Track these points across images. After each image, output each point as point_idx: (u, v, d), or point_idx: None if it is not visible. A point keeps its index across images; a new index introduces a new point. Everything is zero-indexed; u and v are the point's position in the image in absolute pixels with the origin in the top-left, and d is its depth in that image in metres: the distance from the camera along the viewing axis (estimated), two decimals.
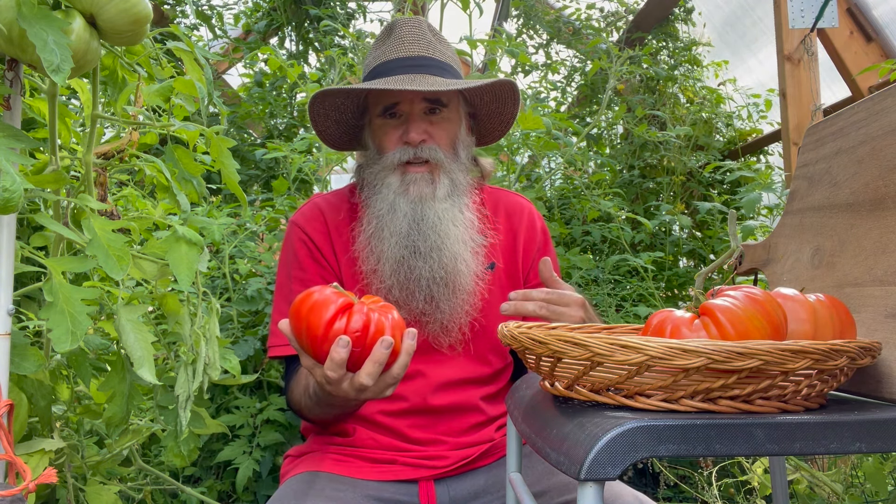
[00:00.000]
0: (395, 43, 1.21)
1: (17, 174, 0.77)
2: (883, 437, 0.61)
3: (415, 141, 1.17)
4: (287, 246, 1.27)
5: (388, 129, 1.20)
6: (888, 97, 0.82)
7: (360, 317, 0.87)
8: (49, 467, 0.84)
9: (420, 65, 1.18)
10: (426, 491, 1.15)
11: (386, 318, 0.89)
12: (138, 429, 1.32)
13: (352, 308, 0.87)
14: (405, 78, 1.16)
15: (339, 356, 0.85)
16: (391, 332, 0.88)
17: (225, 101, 3.84)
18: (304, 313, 0.87)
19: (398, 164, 1.18)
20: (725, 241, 3.00)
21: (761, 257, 1.08)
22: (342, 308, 0.87)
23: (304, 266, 1.23)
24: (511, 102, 1.27)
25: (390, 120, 1.20)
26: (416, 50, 1.20)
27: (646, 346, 0.61)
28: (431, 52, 1.21)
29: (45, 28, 0.79)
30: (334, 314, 0.86)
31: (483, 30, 5.58)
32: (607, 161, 3.46)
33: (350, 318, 0.86)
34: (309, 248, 1.24)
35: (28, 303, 1.13)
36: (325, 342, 0.86)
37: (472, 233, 1.21)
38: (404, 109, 1.19)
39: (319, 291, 0.89)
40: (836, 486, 1.69)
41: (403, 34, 1.21)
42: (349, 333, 0.85)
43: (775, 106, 3.25)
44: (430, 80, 1.15)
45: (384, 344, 0.86)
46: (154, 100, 1.15)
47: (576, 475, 0.58)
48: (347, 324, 0.86)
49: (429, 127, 1.19)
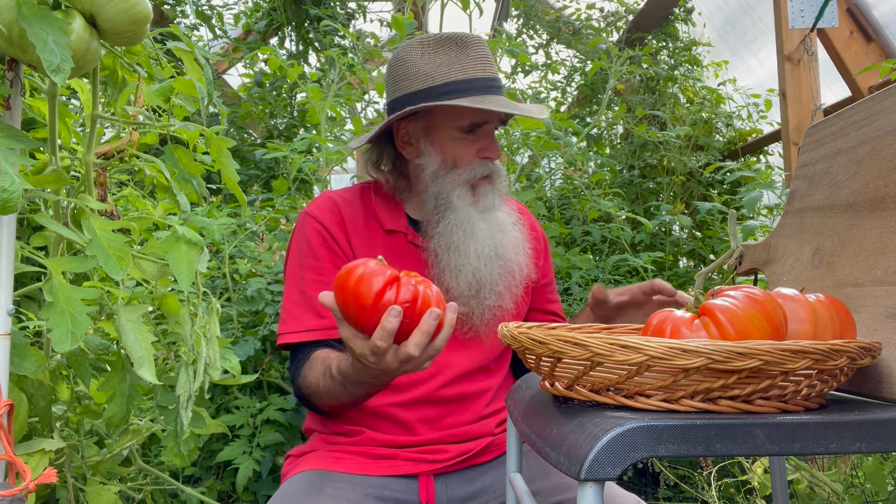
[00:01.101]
0: (473, 62, 1.23)
1: (16, 174, 0.77)
2: (883, 437, 0.61)
3: (495, 158, 1.25)
4: (299, 236, 1.27)
5: (466, 143, 1.23)
6: (888, 97, 0.82)
7: (408, 288, 0.88)
8: (49, 467, 0.84)
9: (497, 86, 1.25)
10: (426, 487, 1.15)
11: (430, 290, 0.91)
12: (138, 429, 1.32)
13: (399, 280, 0.89)
14: (501, 101, 1.21)
15: (391, 325, 0.86)
16: (436, 302, 0.90)
17: (225, 101, 3.84)
18: (351, 285, 0.88)
19: (475, 179, 1.23)
20: (725, 241, 3.00)
21: (761, 257, 1.08)
22: (391, 280, 0.88)
23: (318, 255, 1.24)
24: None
25: (469, 135, 1.23)
26: (492, 71, 1.25)
27: (646, 346, 0.61)
28: (496, 73, 1.28)
29: (45, 28, 0.79)
30: (384, 285, 0.87)
31: (483, 30, 5.58)
32: (607, 161, 3.46)
33: (399, 290, 0.88)
34: (323, 237, 1.24)
35: (28, 303, 1.13)
36: (375, 312, 0.87)
37: (523, 230, 1.30)
38: (487, 129, 1.24)
39: (364, 264, 0.90)
40: (836, 486, 1.69)
41: (477, 54, 1.24)
42: (399, 304, 0.87)
43: (775, 106, 3.25)
44: (505, 102, 1.21)
45: (433, 315, 0.88)
46: (154, 100, 1.15)
47: (576, 475, 0.58)
48: (397, 295, 0.87)
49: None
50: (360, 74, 2.88)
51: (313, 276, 1.23)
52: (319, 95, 2.57)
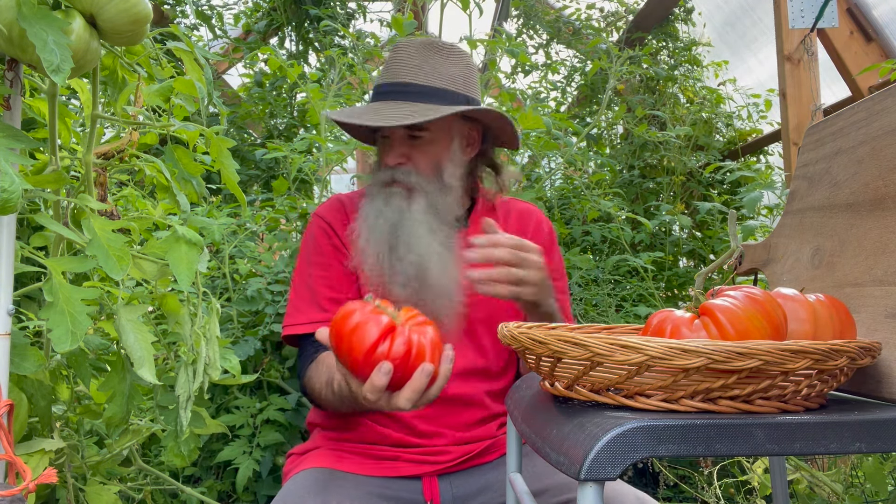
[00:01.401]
0: (386, 69, 1.28)
1: (16, 174, 0.77)
2: (883, 437, 0.61)
3: (390, 164, 1.24)
4: (308, 235, 1.33)
5: (382, 147, 1.29)
6: (888, 97, 0.82)
7: (402, 340, 0.87)
8: (49, 467, 0.84)
9: (400, 91, 1.24)
10: (430, 487, 1.16)
11: (425, 339, 0.89)
12: (138, 429, 1.32)
13: (395, 331, 0.88)
14: (379, 107, 1.22)
15: (381, 382, 0.86)
16: (430, 355, 0.88)
17: (225, 101, 3.84)
18: (346, 332, 0.87)
19: (384, 182, 1.24)
20: (725, 241, 3.00)
21: (761, 257, 1.08)
22: (385, 332, 0.87)
23: (324, 251, 1.28)
24: (503, 120, 1.29)
25: (382, 141, 1.28)
26: (399, 76, 1.25)
27: (646, 346, 0.61)
28: (416, 76, 1.25)
29: (45, 28, 0.79)
30: (377, 338, 0.86)
31: (483, 30, 5.58)
32: (607, 161, 3.46)
33: (393, 343, 0.86)
34: (328, 235, 1.29)
35: (28, 303, 1.13)
36: (367, 366, 0.86)
37: (449, 232, 1.23)
38: (388, 133, 1.26)
39: (361, 310, 0.88)
40: (836, 486, 1.69)
41: (392, 59, 1.28)
42: (391, 359, 0.86)
43: (775, 106, 3.25)
44: (397, 110, 1.20)
45: (424, 372, 0.87)
46: (154, 100, 1.16)
47: (576, 475, 0.58)
48: (390, 348, 0.86)
49: (409, 151, 1.24)
50: (360, 74, 2.88)
51: (319, 271, 1.27)
52: (319, 95, 2.57)
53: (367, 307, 0.89)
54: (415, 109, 1.19)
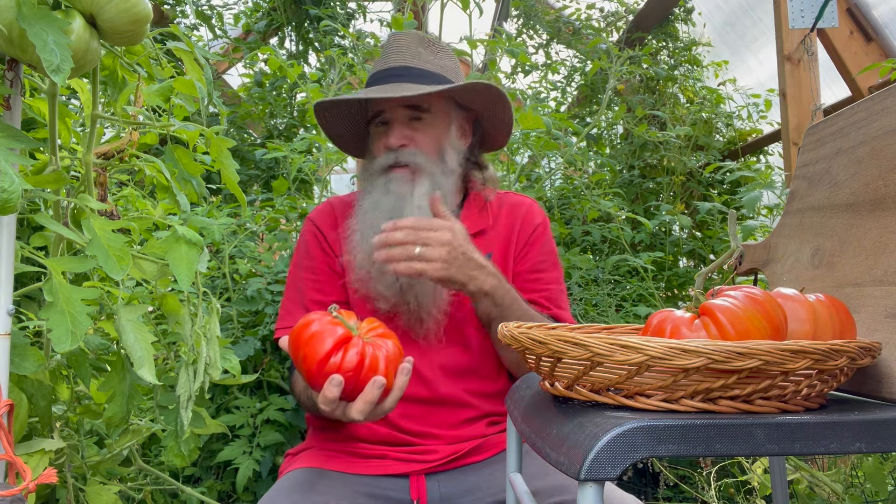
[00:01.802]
0: (383, 57, 1.29)
1: (16, 174, 0.77)
2: (883, 437, 0.61)
3: (394, 145, 1.23)
4: (300, 240, 1.35)
5: (377, 135, 1.28)
6: (888, 97, 0.82)
7: (355, 351, 0.88)
8: (49, 467, 0.84)
9: (400, 74, 1.25)
10: (417, 485, 1.15)
11: (380, 352, 0.90)
12: (138, 429, 1.32)
13: (349, 342, 0.89)
14: (380, 88, 1.22)
15: (332, 394, 0.88)
16: (385, 368, 0.89)
17: (225, 101, 3.84)
18: (302, 342, 0.89)
19: (383, 168, 1.24)
20: (725, 241, 3.00)
21: (761, 257, 1.08)
22: (339, 343, 0.88)
23: (313, 255, 1.31)
24: (501, 105, 1.29)
25: (379, 127, 1.28)
26: (399, 61, 1.26)
27: (646, 346, 0.61)
28: (413, 61, 1.26)
29: (45, 28, 0.78)
30: (330, 349, 0.88)
31: (483, 30, 5.59)
32: (607, 161, 3.46)
33: (345, 354, 0.88)
34: (318, 239, 1.32)
35: (28, 303, 1.13)
36: (319, 376, 0.88)
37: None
38: (388, 116, 1.26)
39: (320, 320, 0.90)
40: (836, 486, 1.69)
41: (388, 48, 1.29)
42: (343, 371, 0.87)
43: (775, 106, 3.25)
44: (401, 88, 1.20)
45: (376, 384, 0.89)
46: (154, 100, 1.16)
47: (576, 475, 0.58)
48: (342, 360, 0.88)
49: (411, 132, 1.24)
50: (360, 74, 2.88)
51: (308, 275, 1.29)
52: (319, 95, 2.57)
53: (326, 318, 0.90)
54: (418, 88, 1.20)
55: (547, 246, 1.35)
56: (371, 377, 0.89)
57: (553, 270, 1.34)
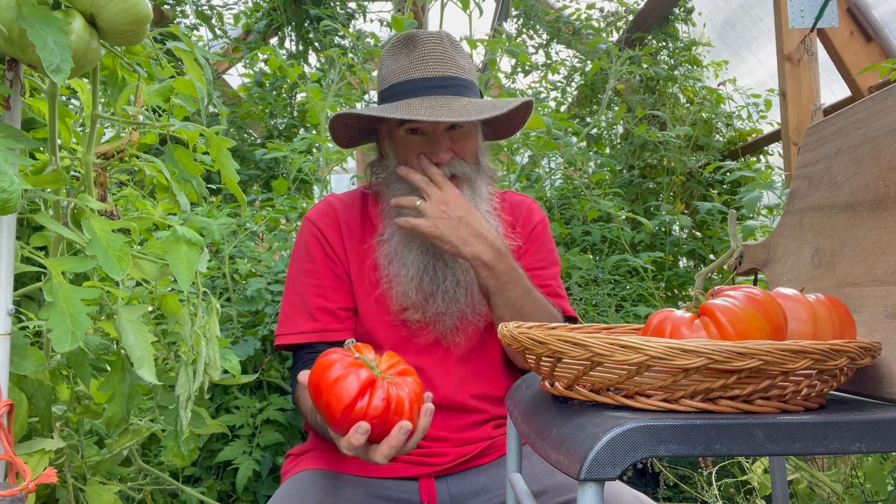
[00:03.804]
0: (420, 61, 1.19)
1: (16, 174, 0.77)
2: (883, 437, 0.61)
3: (444, 161, 1.18)
4: (299, 240, 1.30)
5: (412, 144, 1.20)
6: (888, 97, 0.82)
7: (381, 395, 0.86)
8: (49, 467, 0.84)
9: (445, 86, 1.18)
10: (426, 487, 1.16)
11: (404, 393, 0.88)
12: (138, 429, 1.32)
13: (374, 385, 0.87)
14: (433, 102, 1.14)
15: (358, 442, 0.86)
16: (409, 411, 0.88)
17: (225, 101, 3.84)
18: (325, 387, 0.86)
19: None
20: (725, 241, 3.00)
21: (761, 257, 1.08)
22: (364, 387, 0.86)
23: (315, 259, 1.26)
24: (524, 110, 1.30)
25: (413, 136, 1.20)
26: (441, 70, 1.19)
27: (646, 346, 0.61)
28: (455, 70, 1.20)
29: (45, 28, 0.78)
30: (356, 395, 0.85)
31: (483, 30, 5.58)
32: (607, 161, 3.46)
33: (371, 399, 0.86)
34: (320, 242, 1.26)
35: (28, 303, 1.13)
36: (344, 423, 0.86)
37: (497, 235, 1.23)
38: (428, 128, 1.19)
39: (341, 361, 0.87)
40: (836, 486, 1.69)
41: (427, 52, 1.20)
42: (369, 418, 0.85)
43: (775, 106, 3.25)
44: (460, 108, 1.14)
45: (402, 430, 0.87)
46: (154, 100, 1.15)
47: (576, 475, 0.58)
48: (368, 405, 0.85)
49: (452, 144, 1.20)
50: (360, 74, 2.88)
51: (310, 279, 1.25)
52: (319, 95, 2.57)
53: (347, 358, 0.88)
54: (471, 107, 1.15)
55: (546, 244, 1.36)
56: (396, 421, 0.87)
57: (552, 267, 1.35)
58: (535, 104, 3.22)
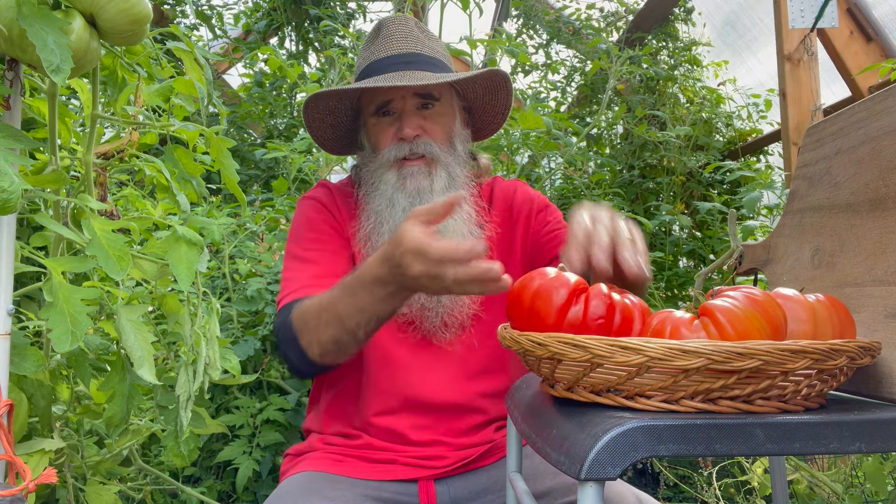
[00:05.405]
0: (384, 41, 1.22)
1: (16, 174, 0.77)
2: (883, 437, 0.61)
3: (409, 136, 1.18)
4: (298, 215, 1.27)
5: (382, 126, 1.21)
6: (888, 97, 0.82)
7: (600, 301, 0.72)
8: (49, 467, 0.84)
9: (410, 61, 1.19)
10: (426, 490, 1.14)
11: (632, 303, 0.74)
12: (138, 429, 1.32)
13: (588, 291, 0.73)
14: (395, 75, 1.16)
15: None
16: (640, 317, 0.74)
17: (225, 101, 3.84)
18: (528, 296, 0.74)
19: (394, 160, 1.19)
20: (725, 241, 3.00)
21: (761, 257, 1.08)
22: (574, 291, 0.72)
23: (318, 227, 1.23)
24: (504, 92, 1.28)
25: (384, 118, 1.21)
26: (405, 47, 1.21)
27: (645, 347, 0.61)
28: (420, 48, 1.22)
29: (45, 28, 0.79)
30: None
31: (483, 30, 5.58)
32: (607, 161, 3.46)
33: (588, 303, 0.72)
34: (320, 212, 1.25)
35: (28, 303, 1.13)
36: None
37: (471, 226, 1.21)
38: (397, 106, 1.20)
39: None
40: (836, 486, 1.69)
41: (391, 32, 1.23)
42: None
43: (775, 106, 3.25)
44: (420, 76, 1.15)
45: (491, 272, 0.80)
46: (154, 100, 1.16)
47: (576, 475, 0.58)
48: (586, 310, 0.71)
49: (423, 122, 1.20)
50: None
51: (311, 245, 1.21)
52: None
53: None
54: (435, 75, 1.15)
55: (554, 210, 1.32)
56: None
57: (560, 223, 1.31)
58: (535, 104, 3.22)
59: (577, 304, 0.72)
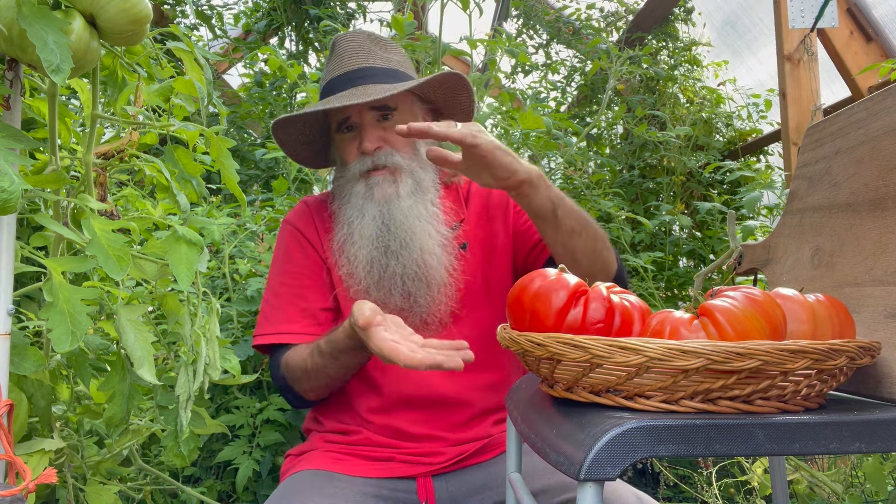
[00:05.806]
0: (336, 60, 1.27)
1: (16, 174, 0.77)
2: (883, 437, 0.61)
3: (370, 150, 1.21)
4: (279, 244, 1.33)
5: (346, 142, 1.26)
6: (888, 97, 0.82)
7: (599, 304, 0.72)
8: (49, 467, 0.84)
9: (363, 76, 1.23)
10: (424, 486, 1.15)
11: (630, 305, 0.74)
12: (138, 429, 1.32)
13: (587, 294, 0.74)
14: (344, 94, 1.20)
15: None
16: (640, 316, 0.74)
17: (225, 101, 3.84)
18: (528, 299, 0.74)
19: (360, 173, 1.23)
20: (725, 241, 3.00)
21: (761, 257, 1.08)
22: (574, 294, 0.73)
23: (294, 259, 1.29)
24: (464, 91, 1.29)
25: (347, 133, 1.25)
26: (357, 62, 1.25)
27: (645, 347, 0.61)
28: (373, 61, 1.25)
29: (45, 28, 0.79)
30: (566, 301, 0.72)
31: (483, 30, 5.58)
32: (607, 161, 3.46)
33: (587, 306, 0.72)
34: (299, 242, 1.30)
35: (28, 303, 1.13)
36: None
37: (439, 226, 1.24)
38: (356, 121, 1.24)
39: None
40: (836, 486, 1.69)
41: (343, 50, 1.27)
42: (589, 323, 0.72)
43: (775, 106, 3.25)
44: (371, 90, 1.19)
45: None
46: (154, 100, 1.16)
47: (575, 475, 0.58)
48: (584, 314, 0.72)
49: (382, 133, 1.23)
50: None
51: (288, 280, 1.27)
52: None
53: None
54: (385, 88, 1.19)
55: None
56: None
57: None
58: (535, 104, 3.22)
59: (576, 307, 0.72)
